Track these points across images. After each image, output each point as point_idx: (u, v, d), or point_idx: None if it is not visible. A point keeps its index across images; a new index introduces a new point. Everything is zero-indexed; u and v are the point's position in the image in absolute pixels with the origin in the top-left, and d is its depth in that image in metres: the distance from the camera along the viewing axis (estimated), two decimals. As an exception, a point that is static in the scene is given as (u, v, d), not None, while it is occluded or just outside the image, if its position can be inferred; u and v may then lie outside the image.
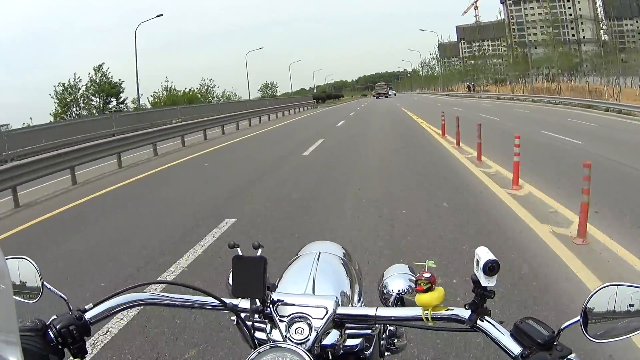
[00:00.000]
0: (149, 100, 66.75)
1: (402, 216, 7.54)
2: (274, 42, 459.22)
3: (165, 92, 68.08)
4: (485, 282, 1.14)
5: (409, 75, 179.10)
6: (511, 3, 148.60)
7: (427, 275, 1.22)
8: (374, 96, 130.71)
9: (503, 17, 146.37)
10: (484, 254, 1.14)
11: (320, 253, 1.77)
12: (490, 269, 1.12)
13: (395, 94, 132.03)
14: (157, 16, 47.48)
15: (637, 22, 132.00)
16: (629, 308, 1.09)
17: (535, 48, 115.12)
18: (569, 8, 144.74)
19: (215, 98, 76.10)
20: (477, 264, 1.15)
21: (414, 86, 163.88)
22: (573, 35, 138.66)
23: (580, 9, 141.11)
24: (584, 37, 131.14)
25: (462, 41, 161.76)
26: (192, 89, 71.86)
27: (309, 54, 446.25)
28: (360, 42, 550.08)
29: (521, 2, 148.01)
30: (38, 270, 1.26)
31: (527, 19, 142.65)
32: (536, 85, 70.26)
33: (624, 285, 1.10)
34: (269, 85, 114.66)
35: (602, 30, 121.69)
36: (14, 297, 1.03)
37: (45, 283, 1.26)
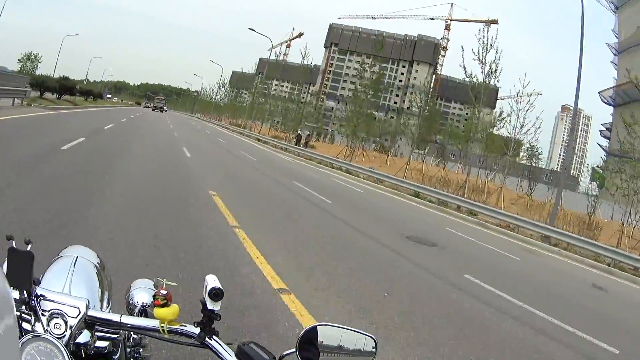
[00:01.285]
0: None
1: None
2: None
3: None
4: (211, 305, 1.21)
5: (195, 94, 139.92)
6: (335, 50, 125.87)
7: (164, 292, 1.27)
8: (147, 107, 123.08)
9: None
10: (211, 282, 1.22)
11: (77, 257, 1.74)
12: (215, 295, 1.20)
13: (167, 110, 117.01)
14: None
15: (462, 108, 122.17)
16: (349, 347, 1.26)
17: (346, 104, 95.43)
18: (402, 74, 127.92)
19: None
20: (205, 289, 1.21)
21: (196, 109, 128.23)
22: (395, 102, 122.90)
23: (415, 77, 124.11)
24: (408, 107, 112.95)
25: (260, 74, 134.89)
26: None
27: (94, 42, 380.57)
28: (151, 48, 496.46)
29: (347, 52, 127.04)
30: None
31: (346, 72, 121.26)
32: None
33: (332, 326, 1.26)
34: (32, 58, 72.43)
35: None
36: None
37: None
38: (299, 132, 49.79)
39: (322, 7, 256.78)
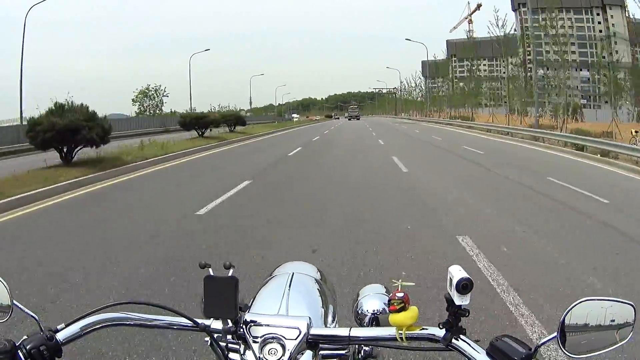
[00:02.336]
0: None
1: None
2: (234, 55, 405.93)
3: None
4: (458, 300, 1.06)
5: (394, 94, 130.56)
6: (526, 11, 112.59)
7: (401, 294, 1.12)
8: (336, 118, 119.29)
9: (512, 30, 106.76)
10: (456, 272, 1.06)
11: (293, 273, 1.63)
12: (464, 287, 1.04)
13: (359, 118, 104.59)
14: None
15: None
16: (604, 322, 1.04)
17: (551, 69, 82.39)
18: (599, 23, 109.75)
19: None
20: (450, 283, 1.06)
21: (399, 108, 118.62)
22: (604, 56, 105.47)
23: (613, 24, 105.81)
24: (617, 60, 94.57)
25: (453, 58, 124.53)
26: None
27: (273, 69, 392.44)
28: (333, 60, 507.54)
29: (539, 10, 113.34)
30: (7, 289, 1.16)
31: (545, 32, 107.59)
32: None
33: (599, 300, 1.05)
34: (151, 93, 60.01)
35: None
36: None
37: (15, 302, 1.16)
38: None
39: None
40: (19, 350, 1.06)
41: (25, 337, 1.09)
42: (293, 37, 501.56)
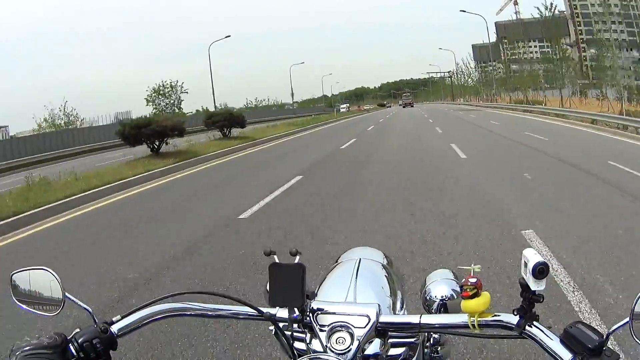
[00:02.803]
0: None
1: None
2: (280, 52, 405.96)
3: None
4: (534, 285, 0.99)
5: (449, 77, 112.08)
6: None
7: (473, 280, 1.06)
8: (389, 106, 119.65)
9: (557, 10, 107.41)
10: (532, 256, 0.99)
11: (360, 259, 1.58)
12: (540, 272, 0.97)
13: (412, 105, 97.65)
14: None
15: None
16: None
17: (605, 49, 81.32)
18: None
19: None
20: (525, 267, 1.00)
21: (456, 93, 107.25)
22: None
23: None
24: None
25: (503, 40, 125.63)
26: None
27: (322, 62, 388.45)
28: (382, 50, 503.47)
29: None
30: (59, 281, 1.10)
31: (593, 10, 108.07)
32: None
33: None
34: (166, 90, 50.33)
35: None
36: (33, 310, 1.11)
37: (67, 294, 1.10)
38: None
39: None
40: (70, 344, 1.01)
41: (77, 330, 1.05)
42: (340, 31, 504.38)
